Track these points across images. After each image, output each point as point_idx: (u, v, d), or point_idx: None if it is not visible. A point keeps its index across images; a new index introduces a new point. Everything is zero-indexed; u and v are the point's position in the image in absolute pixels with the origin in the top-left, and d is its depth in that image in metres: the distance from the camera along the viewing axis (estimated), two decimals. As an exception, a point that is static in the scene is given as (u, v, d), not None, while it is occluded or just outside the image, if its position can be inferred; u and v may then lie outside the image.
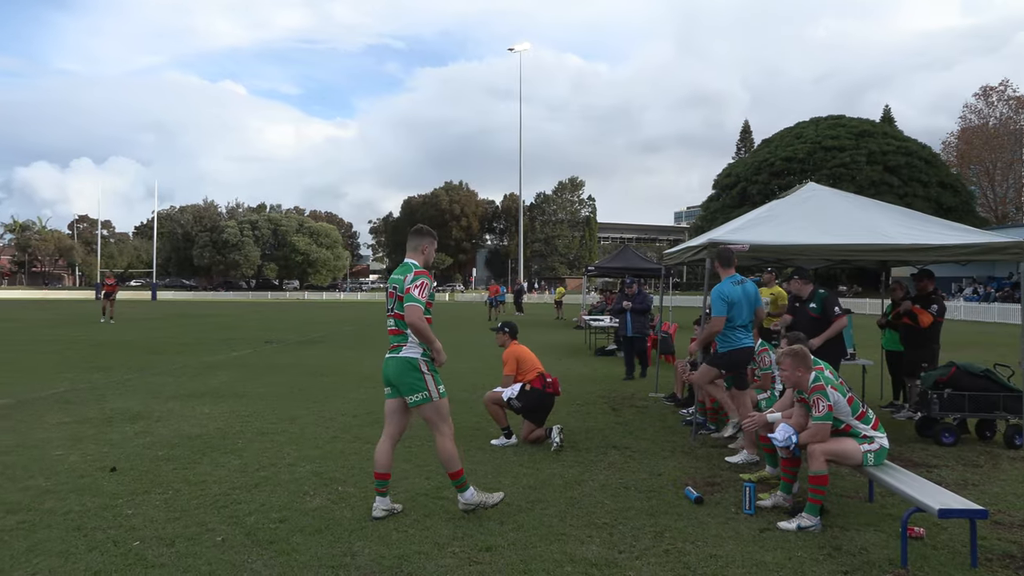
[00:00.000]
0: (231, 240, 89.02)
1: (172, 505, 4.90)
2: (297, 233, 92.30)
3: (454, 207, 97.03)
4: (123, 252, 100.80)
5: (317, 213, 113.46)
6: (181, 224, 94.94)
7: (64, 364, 12.89)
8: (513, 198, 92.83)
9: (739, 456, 6.27)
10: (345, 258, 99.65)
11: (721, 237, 7.46)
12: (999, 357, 9.70)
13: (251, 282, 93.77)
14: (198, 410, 8.46)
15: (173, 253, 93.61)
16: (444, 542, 4.28)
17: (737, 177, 59.07)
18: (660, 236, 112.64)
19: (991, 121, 61.11)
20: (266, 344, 17.80)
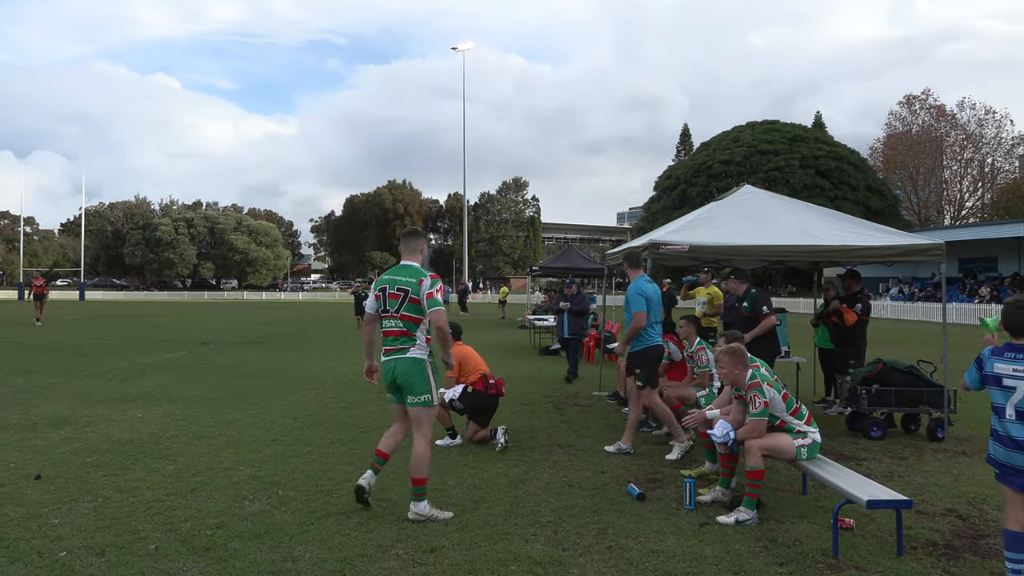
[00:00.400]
0: (165, 238, 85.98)
1: (102, 513, 4.71)
2: (235, 232, 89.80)
3: (397, 206, 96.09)
4: (48, 250, 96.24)
5: (256, 211, 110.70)
6: (111, 221, 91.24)
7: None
8: (457, 198, 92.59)
9: (675, 452, 6.41)
10: (285, 257, 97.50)
11: (661, 238, 7.62)
12: (923, 354, 10.19)
13: (187, 282, 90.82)
14: (130, 414, 8.16)
15: (103, 252, 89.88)
16: (388, 544, 4.23)
17: (677, 179, 60.31)
18: (603, 236, 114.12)
19: (914, 128, 64.04)
20: (203, 345, 17.28)
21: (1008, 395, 3.43)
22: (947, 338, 7.64)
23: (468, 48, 58.11)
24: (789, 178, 53.01)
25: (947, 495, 5.34)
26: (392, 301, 4.76)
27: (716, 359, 5.54)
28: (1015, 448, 3.40)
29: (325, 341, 19.10)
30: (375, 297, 4.86)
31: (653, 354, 6.62)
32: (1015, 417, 3.40)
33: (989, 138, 61.40)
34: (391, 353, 4.81)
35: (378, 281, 4.93)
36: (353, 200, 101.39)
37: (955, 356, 8.89)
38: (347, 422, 7.86)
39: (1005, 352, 3.51)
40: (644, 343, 6.57)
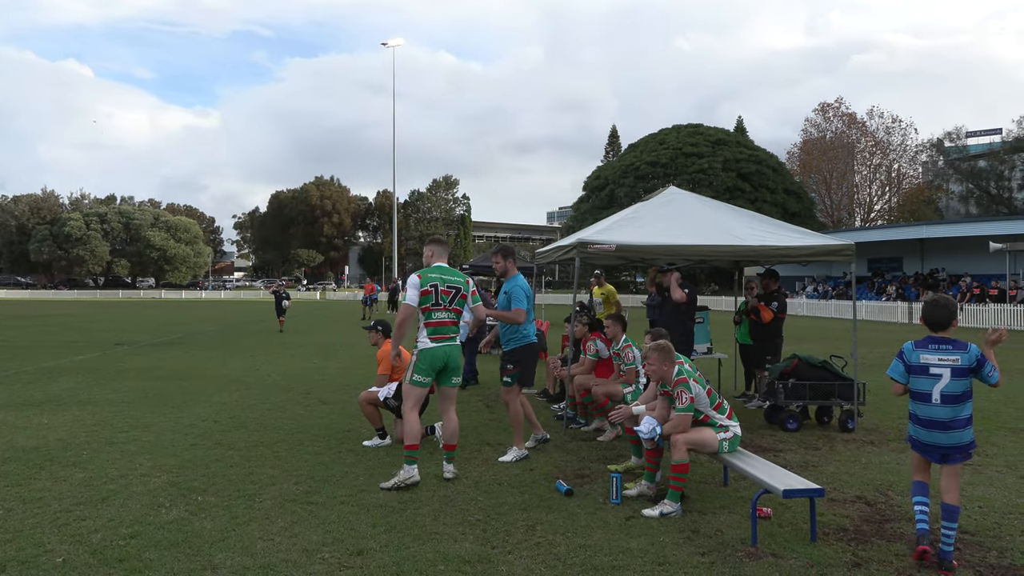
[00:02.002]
0: (75, 234, 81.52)
1: (3, 526, 4.43)
2: (152, 227, 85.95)
3: (325, 203, 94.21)
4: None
5: (175, 206, 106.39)
6: (15, 216, 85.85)
7: None
8: (387, 195, 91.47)
9: (509, 454, 6.22)
10: (207, 254, 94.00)
11: (589, 237, 7.73)
12: (835, 349, 10.70)
13: (99, 280, 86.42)
14: (35, 420, 7.70)
15: (5, 248, 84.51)
16: (313, 548, 4.14)
17: (605, 180, 61.33)
18: (533, 235, 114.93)
19: (828, 135, 67.12)
20: (116, 347, 16.48)
21: (934, 382, 3.95)
22: (857, 334, 8.03)
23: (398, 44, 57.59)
24: (712, 180, 54.67)
25: (856, 483, 5.62)
26: (444, 296, 5.55)
27: (643, 355, 5.66)
28: (938, 428, 3.95)
29: (248, 341, 18.53)
30: (424, 292, 5.49)
31: (531, 351, 6.41)
32: (940, 401, 3.93)
33: (896, 145, 64.99)
34: (444, 341, 5.57)
35: (425, 278, 5.53)
36: (279, 196, 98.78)
37: (864, 351, 9.38)
38: (271, 424, 7.65)
39: (928, 344, 4.02)
40: (522, 340, 6.34)
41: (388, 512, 4.78)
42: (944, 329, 4.02)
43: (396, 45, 57.14)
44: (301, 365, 13.15)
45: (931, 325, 4.05)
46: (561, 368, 8.53)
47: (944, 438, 3.94)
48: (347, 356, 14.61)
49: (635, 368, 7.12)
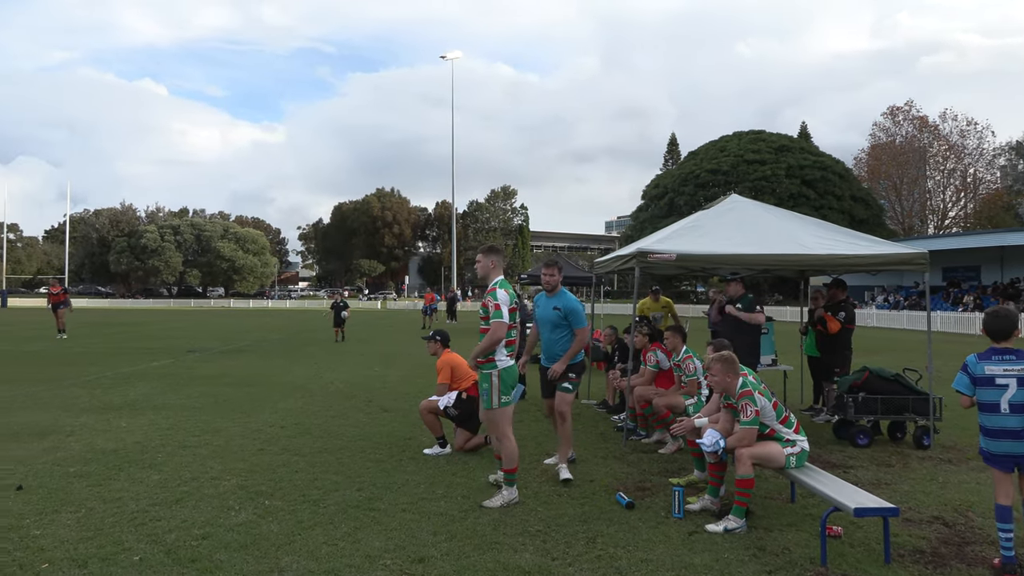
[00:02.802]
0: (151, 245, 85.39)
1: (85, 524, 4.65)
2: (222, 239, 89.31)
3: (386, 214, 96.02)
4: (32, 257, 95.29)
5: (243, 218, 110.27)
6: (96, 228, 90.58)
7: (-36, 376, 12.06)
8: (446, 206, 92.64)
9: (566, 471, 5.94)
10: (273, 265, 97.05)
11: (649, 246, 7.64)
12: (908, 362, 10.28)
13: (173, 289, 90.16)
14: (114, 423, 8.07)
15: (87, 259, 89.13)
16: (376, 554, 4.20)
17: (665, 188, 60.62)
18: (591, 245, 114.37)
19: (897, 139, 64.72)
20: (189, 354, 17.14)
21: (1001, 392, 3.97)
22: (932, 346, 7.70)
23: (456, 57, 58.37)
24: (775, 187, 53.42)
25: (933, 503, 5.37)
26: (513, 313, 5.31)
27: (706, 366, 5.56)
28: (1009, 437, 3.95)
29: (312, 349, 18.99)
30: (511, 309, 5.26)
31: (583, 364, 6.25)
32: (1009, 411, 3.95)
33: (971, 149, 62.17)
34: (513, 358, 5.35)
35: (511, 295, 5.33)
36: (341, 208, 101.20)
37: (939, 364, 8.97)
38: (334, 431, 7.81)
39: (992, 356, 4.07)
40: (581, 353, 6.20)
41: (449, 521, 4.81)
42: (1007, 339, 4.09)
43: (454, 58, 57.95)
44: (363, 373, 13.40)
45: (993, 336, 4.14)
46: (621, 379, 8.45)
47: (1016, 447, 3.95)
48: (407, 365, 14.82)
49: (697, 380, 7.00)
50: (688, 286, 60.79)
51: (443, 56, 58.41)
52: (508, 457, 5.24)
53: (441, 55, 59.09)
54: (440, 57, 59.76)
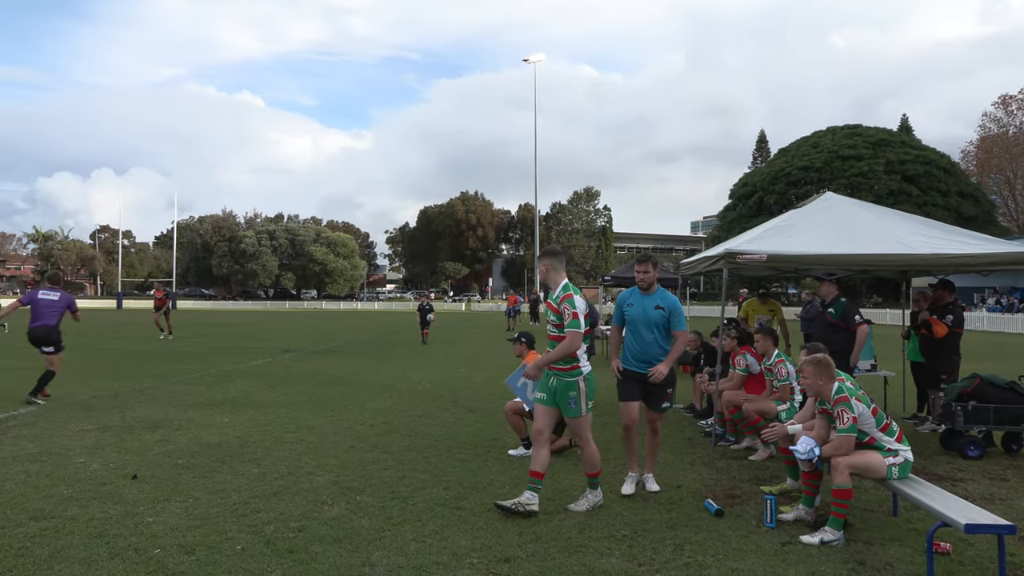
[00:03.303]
0: (249, 250, 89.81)
1: (192, 513, 4.94)
2: (314, 243, 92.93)
3: (470, 217, 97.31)
4: (143, 262, 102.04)
5: (334, 223, 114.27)
6: (200, 234, 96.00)
7: (87, 372, 13.04)
8: (529, 208, 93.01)
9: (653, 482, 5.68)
10: (362, 268, 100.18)
11: (738, 247, 7.43)
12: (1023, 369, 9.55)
13: (269, 292, 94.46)
14: (217, 419, 8.52)
15: (192, 263, 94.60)
16: (462, 553, 4.26)
17: (753, 187, 58.77)
18: (676, 246, 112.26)
19: (1011, 130, 60.38)
20: (284, 353, 17.91)
21: None
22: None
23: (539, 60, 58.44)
24: (873, 184, 50.86)
25: (1055, 521, 4.97)
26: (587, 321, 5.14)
27: (799, 369, 5.35)
28: None
29: (399, 350, 19.47)
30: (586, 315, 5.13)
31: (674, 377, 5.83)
32: None
33: (1097, 138, 57.29)
34: None
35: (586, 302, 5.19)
36: (427, 211, 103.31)
37: (1062, 372, 8.29)
38: (421, 430, 7.98)
39: None
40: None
41: (534, 522, 4.82)
42: None
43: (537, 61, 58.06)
44: (448, 374, 13.63)
45: None
46: (709, 383, 8.25)
47: None
48: (492, 366, 14.96)
49: (789, 384, 6.75)
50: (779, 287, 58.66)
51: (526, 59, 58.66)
52: (591, 462, 5.19)
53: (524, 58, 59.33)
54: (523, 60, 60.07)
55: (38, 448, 6.82)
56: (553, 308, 5.11)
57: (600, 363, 8.12)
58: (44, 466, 6.15)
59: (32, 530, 4.55)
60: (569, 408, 5.11)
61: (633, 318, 5.70)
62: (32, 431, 7.63)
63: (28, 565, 4.00)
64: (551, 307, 5.14)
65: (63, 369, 10.16)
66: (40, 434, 7.47)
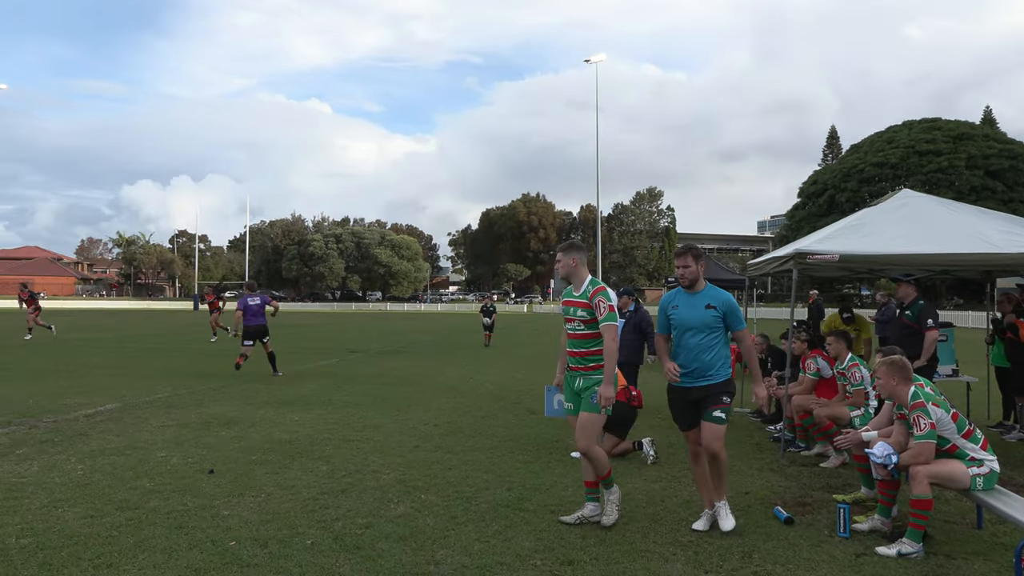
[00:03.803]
0: (317, 253, 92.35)
1: (265, 508, 5.11)
2: (379, 246, 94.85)
3: (532, 219, 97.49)
4: (218, 265, 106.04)
5: (398, 226, 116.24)
6: (271, 238, 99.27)
7: (167, 371, 13.66)
8: (590, 209, 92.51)
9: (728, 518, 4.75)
10: (425, 270, 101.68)
11: (808, 247, 7.22)
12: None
13: (336, 293, 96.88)
14: (288, 417, 8.79)
15: (264, 266, 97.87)
16: (526, 554, 4.28)
17: (824, 185, 56.93)
18: (742, 246, 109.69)
19: (1109, 120, 56.70)
20: (350, 354, 18.32)
21: None
22: None
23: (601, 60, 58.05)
24: (954, 180, 48.58)
25: None
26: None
27: (874, 371, 5.16)
28: None
29: (462, 352, 19.66)
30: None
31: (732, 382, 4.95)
32: None
33: None
34: None
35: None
36: (489, 213, 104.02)
37: None
38: (484, 431, 8.04)
39: None
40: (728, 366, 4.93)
41: (598, 526, 4.80)
42: None
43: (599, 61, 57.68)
44: (511, 375, 13.68)
45: None
46: (778, 387, 8.03)
47: None
48: (554, 368, 14.93)
49: (863, 389, 6.51)
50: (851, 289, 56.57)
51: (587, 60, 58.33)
52: (601, 464, 4.83)
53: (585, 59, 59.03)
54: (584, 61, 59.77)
55: (123, 442, 7.18)
56: (581, 304, 4.81)
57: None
58: (129, 459, 6.47)
59: (118, 520, 4.79)
60: (590, 403, 4.79)
61: (681, 322, 4.84)
62: (118, 426, 8.04)
63: (115, 553, 4.21)
64: (577, 304, 4.85)
65: (148, 367, 10.71)
66: (125, 429, 7.87)
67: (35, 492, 5.38)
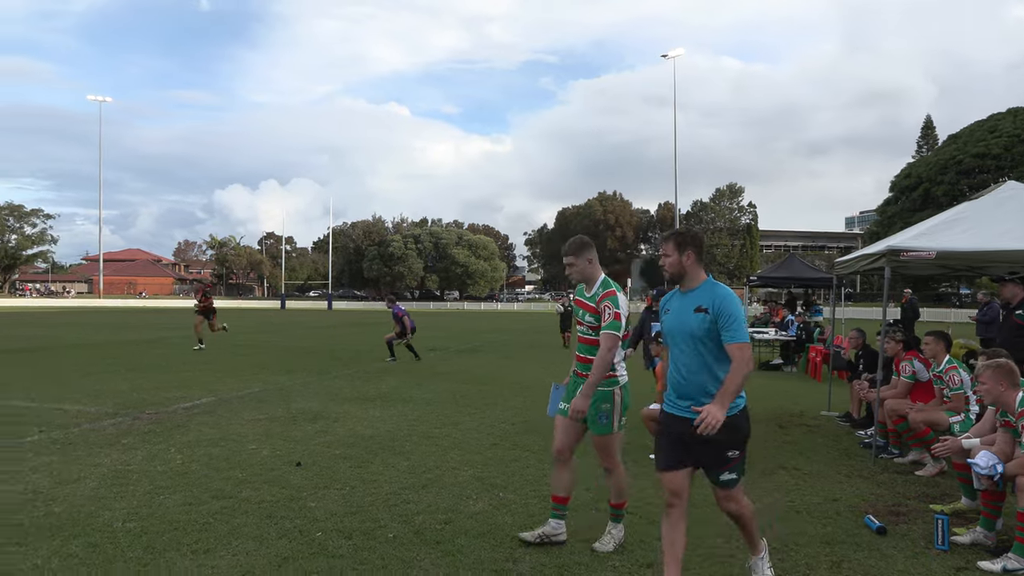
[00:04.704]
0: (396, 253, 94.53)
1: (349, 501, 5.27)
2: (456, 246, 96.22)
3: (608, 217, 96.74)
4: (303, 265, 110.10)
5: (475, 226, 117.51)
6: (352, 239, 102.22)
7: (257, 367, 14.28)
8: (668, 207, 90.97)
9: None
10: (502, 269, 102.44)
11: (902, 243, 6.87)
12: None
13: (415, 293, 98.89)
14: (370, 413, 9.03)
15: (346, 266, 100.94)
16: (604, 555, 4.25)
17: (919, 178, 54.01)
18: (829, 243, 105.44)
19: None
20: (430, 352, 18.66)
21: None
22: None
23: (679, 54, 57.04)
24: (1066, 171, 45.11)
25: None
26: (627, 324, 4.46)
27: (976, 375, 4.86)
28: None
29: (538, 351, 19.70)
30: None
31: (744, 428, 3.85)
32: None
33: None
34: None
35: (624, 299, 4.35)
36: (564, 212, 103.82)
37: None
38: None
39: None
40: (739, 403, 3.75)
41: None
42: None
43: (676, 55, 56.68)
44: (587, 375, 13.60)
45: None
46: (869, 390, 7.69)
47: None
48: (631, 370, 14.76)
49: (964, 393, 6.15)
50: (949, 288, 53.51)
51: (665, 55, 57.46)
52: (618, 490, 4.47)
53: (663, 54, 58.13)
54: (661, 56, 58.85)
55: (218, 434, 7.55)
56: (590, 308, 4.38)
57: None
58: (223, 450, 6.80)
59: (214, 508, 5.05)
60: (599, 424, 4.31)
61: (668, 330, 3.77)
62: (212, 418, 8.46)
63: (211, 539, 4.44)
64: (586, 307, 4.42)
65: (237, 364, 11.18)
66: (219, 421, 8.27)
67: (139, 479, 5.73)
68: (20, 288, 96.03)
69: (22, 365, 14.14)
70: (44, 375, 12.44)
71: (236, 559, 4.13)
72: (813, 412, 9.46)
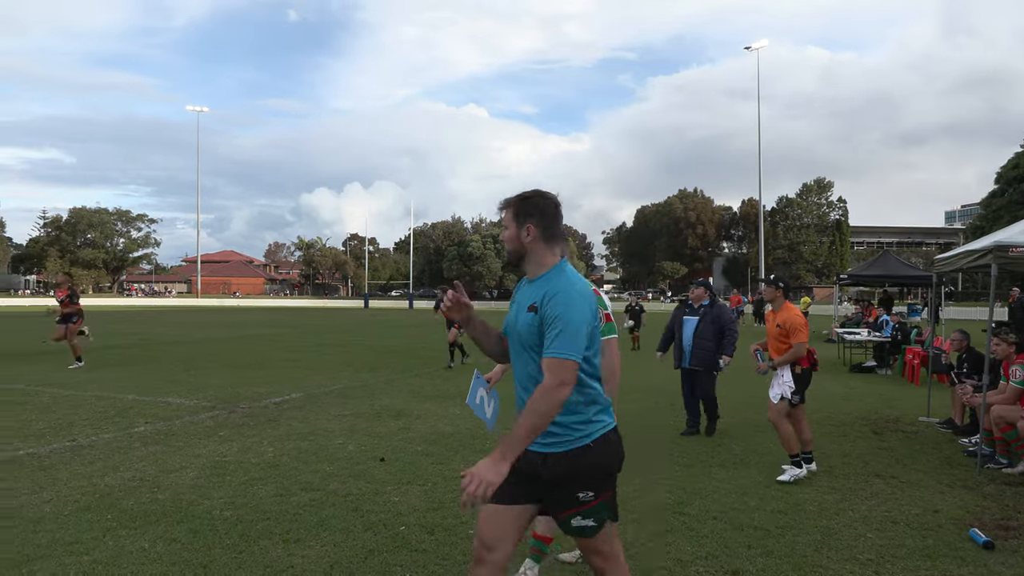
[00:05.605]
0: (475, 253, 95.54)
1: (431, 496, 5.36)
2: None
3: (689, 214, 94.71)
4: (385, 266, 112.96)
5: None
6: (432, 239, 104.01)
7: (343, 364, 14.74)
8: (752, 203, 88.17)
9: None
10: (580, 268, 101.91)
11: (1011, 238, 6.44)
12: None
13: (493, 292, 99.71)
14: (450, 410, 9.17)
15: (426, 266, 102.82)
16: (687, 560, 4.17)
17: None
18: (927, 240, 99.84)
19: None
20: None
21: None
22: None
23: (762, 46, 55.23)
24: None
25: None
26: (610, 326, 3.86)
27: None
28: None
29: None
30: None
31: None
32: None
33: None
34: None
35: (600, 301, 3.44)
36: (644, 210, 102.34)
37: None
38: (639, 432, 7.93)
39: None
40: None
41: (764, 535, 4.58)
42: None
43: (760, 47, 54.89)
44: (663, 375, 13.35)
45: None
46: (973, 395, 7.24)
47: None
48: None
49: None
50: (1064, 286, 49.63)
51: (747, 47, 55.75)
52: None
53: (745, 46, 56.41)
54: (744, 48, 57.15)
55: (306, 428, 7.84)
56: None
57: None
58: (311, 444, 7.06)
59: (303, 499, 5.25)
60: None
61: (506, 331, 3.00)
62: (301, 413, 8.79)
63: (300, 529, 4.62)
64: None
65: (324, 361, 11.55)
66: (308, 416, 8.59)
67: (235, 470, 6.02)
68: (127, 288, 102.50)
69: (132, 362, 15.09)
70: (151, 371, 13.24)
71: (324, 550, 4.27)
72: (911, 417, 8.97)
